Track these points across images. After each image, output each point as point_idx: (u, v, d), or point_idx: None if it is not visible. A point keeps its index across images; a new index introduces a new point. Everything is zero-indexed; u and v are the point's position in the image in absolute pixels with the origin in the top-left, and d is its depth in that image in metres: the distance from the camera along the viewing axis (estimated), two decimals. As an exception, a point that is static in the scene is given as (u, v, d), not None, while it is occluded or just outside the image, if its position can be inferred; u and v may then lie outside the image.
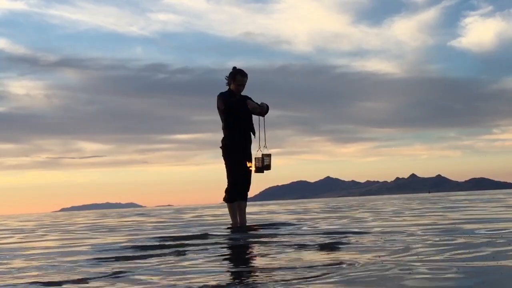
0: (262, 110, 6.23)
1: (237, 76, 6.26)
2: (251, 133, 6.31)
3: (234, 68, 6.36)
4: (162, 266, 2.82)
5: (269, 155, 6.11)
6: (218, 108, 6.24)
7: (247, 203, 6.45)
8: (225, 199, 6.31)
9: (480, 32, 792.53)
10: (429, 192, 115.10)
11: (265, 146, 6.15)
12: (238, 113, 6.20)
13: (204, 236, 5.03)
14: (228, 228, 6.28)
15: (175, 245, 4.03)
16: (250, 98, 6.35)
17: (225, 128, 6.25)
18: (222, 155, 6.26)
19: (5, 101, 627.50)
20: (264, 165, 6.07)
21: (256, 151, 6.18)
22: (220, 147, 6.27)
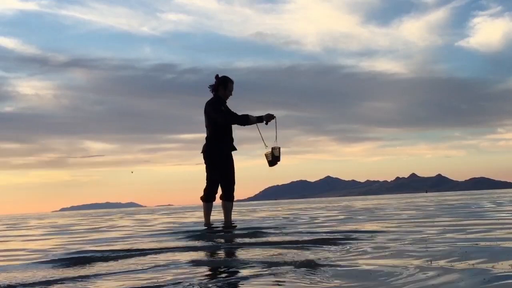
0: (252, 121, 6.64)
1: (229, 83, 6.65)
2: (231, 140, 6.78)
3: (217, 76, 6.70)
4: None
5: (278, 148, 6.63)
6: (210, 116, 6.54)
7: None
8: (232, 199, 6.74)
9: (488, 32, 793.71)
10: (426, 192, 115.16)
11: (275, 141, 6.63)
12: (228, 124, 6.63)
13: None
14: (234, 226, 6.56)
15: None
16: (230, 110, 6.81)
17: (212, 134, 6.59)
18: (218, 158, 6.58)
19: (14, 101, 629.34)
20: (275, 157, 6.59)
21: (266, 148, 6.63)
22: (208, 151, 6.59)
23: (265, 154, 6.60)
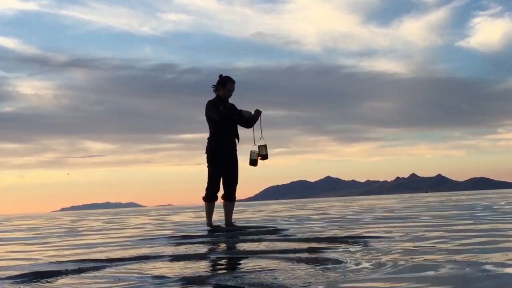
0: (253, 120, 6.57)
1: (228, 83, 6.58)
2: (236, 138, 6.67)
3: (221, 75, 6.64)
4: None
5: (264, 146, 6.49)
6: (209, 116, 6.54)
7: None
8: (233, 199, 6.72)
9: (488, 32, 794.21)
10: (426, 192, 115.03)
11: (261, 138, 6.52)
12: (229, 122, 6.53)
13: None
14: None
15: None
16: (235, 106, 6.67)
17: (213, 133, 6.55)
18: (218, 158, 6.53)
19: (14, 101, 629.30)
20: (260, 155, 6.47)
21: (252, 146, 6.55)
22: (209, 150, 6.56)
23: (251, 151, 6.52)
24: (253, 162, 6.48)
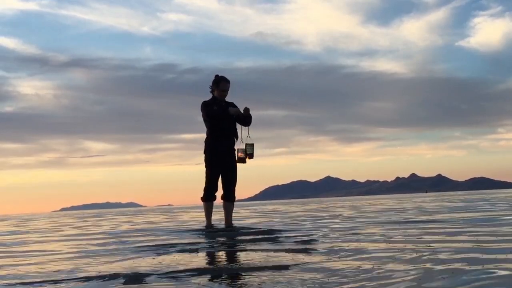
0: (246, 117, 6.47)
1: (221, 83, 6.56)
2: (234, 137, 6.64)
3: (217, 75, 6.63)
4: None
5: (251, 145, 6.48)
6: (202, 116, 6.61)
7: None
8: (232, 199, 6.73)
9: (488, 32, 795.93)
10: (426, 192, 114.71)
11: (248, 137, 6.51)
12: (221, 120, 6.49)
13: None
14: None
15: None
16: (234, 105, 6.63)
17: (209, 134, 6.56)
18: (214, 157, 6.54)
19: (14, 101, 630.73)
20: (247, 154, 6.46)
21: (240, 143, 6.55)
22: (205, 150, 6.58)
23: (237, 149, 6.53)
24: (241, 160, 6.51)
